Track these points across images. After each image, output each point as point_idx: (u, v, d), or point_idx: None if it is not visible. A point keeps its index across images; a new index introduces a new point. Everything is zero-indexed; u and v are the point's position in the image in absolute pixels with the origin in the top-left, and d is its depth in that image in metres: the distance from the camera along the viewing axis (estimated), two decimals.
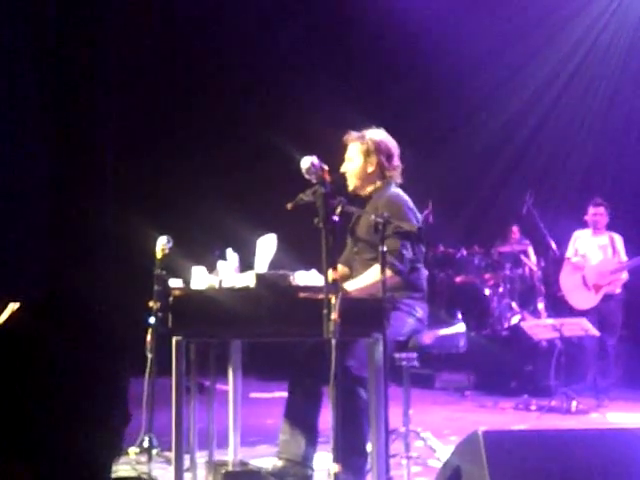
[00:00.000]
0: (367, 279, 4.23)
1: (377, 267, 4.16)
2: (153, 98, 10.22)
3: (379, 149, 4.56)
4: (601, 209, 8.35)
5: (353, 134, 4.62)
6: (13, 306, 1.34)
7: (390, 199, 4.46)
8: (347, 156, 4.62)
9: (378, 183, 4.59)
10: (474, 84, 10.56)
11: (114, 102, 10.00)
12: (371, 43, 10.54)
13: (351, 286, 4.21)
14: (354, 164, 4.59)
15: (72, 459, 1.25)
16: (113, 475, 1.34)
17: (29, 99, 9.26)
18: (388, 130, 4.69)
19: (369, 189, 4.60)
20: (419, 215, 4.59)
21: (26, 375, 1.24)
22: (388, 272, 4.20)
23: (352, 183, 4.60)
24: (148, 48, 10.07)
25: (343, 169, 4.60)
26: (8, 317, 1.29)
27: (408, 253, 4.36)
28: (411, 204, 4.52)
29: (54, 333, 1.28)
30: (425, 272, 4.61)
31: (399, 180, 4.64)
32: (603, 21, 10.77)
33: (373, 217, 4.02)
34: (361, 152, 4.57)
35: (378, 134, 4.61)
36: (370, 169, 4.56)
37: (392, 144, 4.63)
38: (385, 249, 3.88)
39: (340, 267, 4.48)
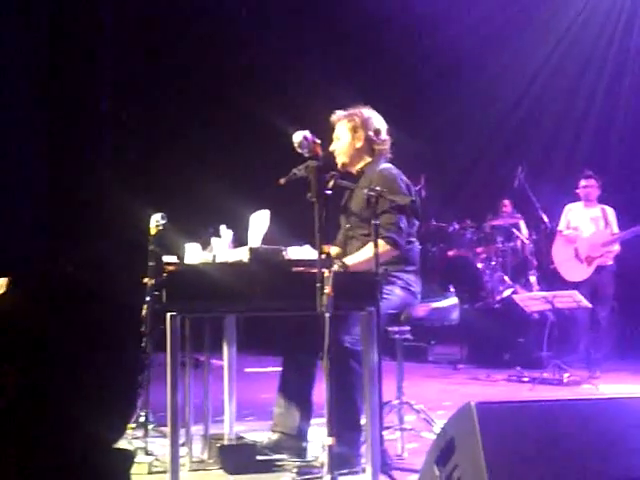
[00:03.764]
0: (367, 253, 4.17)
1: (377, 242, 4.17)
2: (150, 78, 10.19)
3: (366, 124, 4.56)
4: (591, 181, 8.37)
5: (339, 113, 4.62)
6: (2, 281, 1.30)
7: (382, 173, 4.46)
8: (335, 135, 4.62)
9: (367, 159, 4.59)
10: (466, 58, 10.53)
11: (111, 76, 9.99)
12: (359, 17, 10.49)
13: (351, 261, 4.22)
14: (342, 141, 4.59)
15: (62, 448, 1.24)
16: None
17: (27, 71, 9.21)
18: (379, 105, 4.68)
19: (359, 165, 4.60)
20: (412, 188, 4.60)
21: (20, 358, 1.22)
22: (387, 246, 4.22)
23: (341, 160, 4.59)
24: (146, 25, 10.03)
25: (332, 148, 4.59)
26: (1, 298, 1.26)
27: (405, 226, 4.37)
28: (404, 177, 4.52)
29: (49, 315, 1.26)
30: (418, 246, 4.62)
31: (389, 155, 4.64)
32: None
33: (365, 191, 4.03)
34: (349, 129, 4.57)
35: (364, 111, 4.61)
36: (358, 144, 4.57)
37: (379, 119, 4.62)
38: (378, 222, 3.90)
39: (335, 248, 4.49)
